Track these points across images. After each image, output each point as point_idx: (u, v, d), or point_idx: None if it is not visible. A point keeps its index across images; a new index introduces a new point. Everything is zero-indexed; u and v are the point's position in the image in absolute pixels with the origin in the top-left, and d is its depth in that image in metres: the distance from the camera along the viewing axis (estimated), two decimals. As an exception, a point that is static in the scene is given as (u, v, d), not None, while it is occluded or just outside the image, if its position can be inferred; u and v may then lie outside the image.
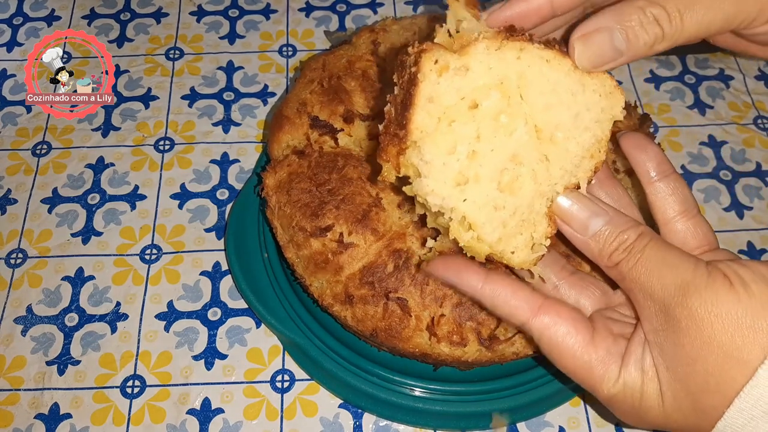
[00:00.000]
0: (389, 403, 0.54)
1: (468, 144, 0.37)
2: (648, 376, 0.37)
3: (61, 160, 0.71)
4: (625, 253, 0.37)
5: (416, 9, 0.85)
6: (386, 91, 0.58)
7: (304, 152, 0.55)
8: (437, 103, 0.36)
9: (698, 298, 0.34)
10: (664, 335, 0.35)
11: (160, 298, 0.63)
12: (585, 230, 0.38)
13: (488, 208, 0.38)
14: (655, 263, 0.36)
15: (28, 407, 0.57)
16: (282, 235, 0.54)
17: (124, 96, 0.76)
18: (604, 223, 0.38)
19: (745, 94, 0.77)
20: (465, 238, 0.38)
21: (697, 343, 0.34)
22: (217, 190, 0.70)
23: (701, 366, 0.34)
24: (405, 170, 0.38)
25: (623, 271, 0.37)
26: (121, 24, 0.82)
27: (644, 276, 0.36)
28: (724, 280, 0.34)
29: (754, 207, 0.69)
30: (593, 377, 0.38)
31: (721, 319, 0.33)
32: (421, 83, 0.36)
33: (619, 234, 0.38)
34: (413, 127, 0.36)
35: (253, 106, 0.76)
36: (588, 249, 0.39)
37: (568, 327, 0.38)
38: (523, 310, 0.39)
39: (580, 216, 0.39)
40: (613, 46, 0.37)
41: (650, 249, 0.36)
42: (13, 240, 0.66)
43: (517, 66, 0.37)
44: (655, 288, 0.35)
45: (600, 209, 0.39)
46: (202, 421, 0.56)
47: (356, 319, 0.51)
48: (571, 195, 0.39)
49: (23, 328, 0.61)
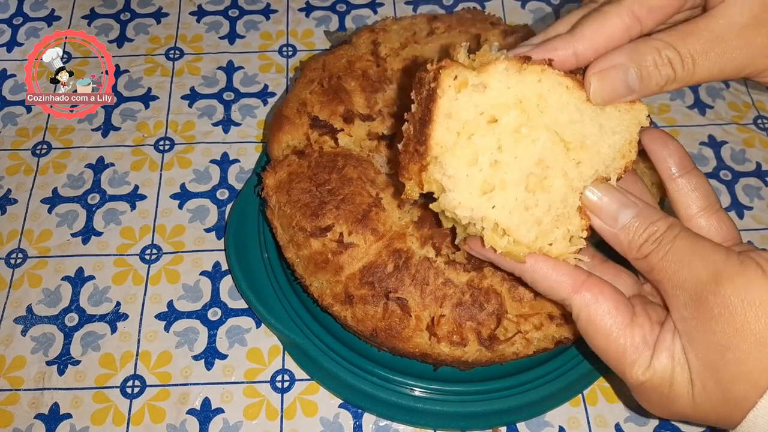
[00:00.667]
0: (389, 403, 0.54)
1: (490, 154, 0.38)
2: (679, 364, 0.37)
3: (61, 160, 0.71)
4: (655, 244, 0.37)
5: (416, 9, 0.85)
6: (380, 88, 0.58)
7: (304, 152, 0.55)
8: (456, 119, 0.37)
9: (731, 286, 0.33)
10: (694, 324, 0.35)
11: (160, 298, 0.63)
12: (614, 222, 0.39)
13: (519, 210, 0.38)
14: (686, 253, 0.36)
15: (28, 407, 0.57)
16: (282, 235, 0.54)
17: (124, 96, 0.76)
18: (634, 215, 0.38)
19: (745, 94, 0.77)
20: (502, 245, 0.39)
21: (729, 331, 0.34)
22: (217, 190, 0.70)
23: (733, 354, 0.34)
24: (428, 186, 0.38)
25: (652, 262, 0.37)
26: (121, 24, 0.82)
27: (675, 265, 0.36)
28: (757, 268, 0.34)
29: (755, 207, 0.69)
30: (625, 362, 0.38)
31: (755, 307, 0.33)
32: (440, 99, 0.36)
33: (649, 225, 0.38)
34: (433, 142, 0.37)
35: (253, 106, 0.76)
36: (617, 241, 0.39)
37: (610, 307, 0.38)
38: (565, 285, 0.39)
39: (610, 208, 0.39)
40: (626, 84, 0.38)
41: (681, 239, 0.37)
42: (13, 240, 0.66)
43: (538, 88, 0.38)
44: (686, 277, 0.35)
45: (629, 201, 0.39)
46: (202, 421, 0.56)
47: (356, 319, 0.51)
48: (600, 187, 0.39)
49: (23, 328, 0.61)
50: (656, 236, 0.37)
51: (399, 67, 0.60)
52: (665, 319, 0.38)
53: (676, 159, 0.42)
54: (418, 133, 0.38)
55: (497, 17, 0.65)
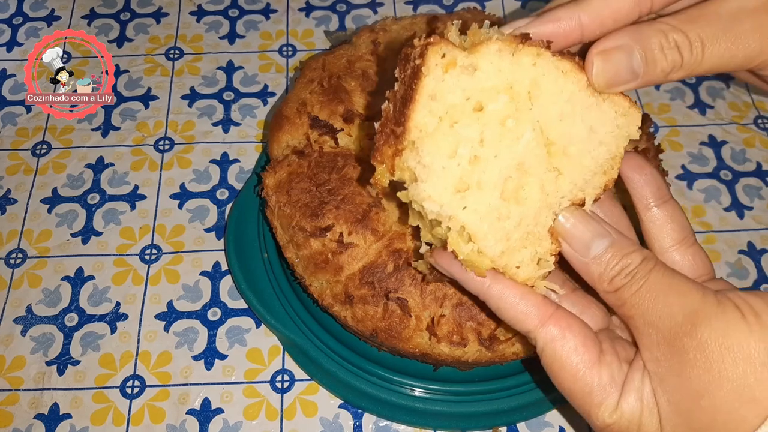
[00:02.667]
0: (389, 403, 0.54)
1: (471, 148, 0.35)
2: (647, 407, 0.34)
3: (61, 160, 0.71)
4: (627, 278, 0.35)
5: (416, 9, 0.85)
6: (383, 89, 0.58)
7: (304, 152, 0.55)
8: (440, 102, 0.34)
9: (708, 328, 0.31)
10: (666, 366, 0.33)
11: (159, 298, 0.63)
12: (586, 251, 0.36)
13: (491, 218, 0.35)
14: (661, 289, 0.34)
15: (27, 407, 0.57)
16: (282, 235, 0.54)
17: (124, 96, 0.76)
18: (608, 246, 0.36)
19: (746, 94, 0.77)
20: (464, 251, 0.35)
21: (705, 377, 0.31)
22: (217, 190, 0.70)
23: (708, 402, 0.31)
24: (400, 173, 0.35)
25: (624, 296, 0.35)
26: (120, 24, 0.82)
27: (648, 302, 0.34)
28: (735, 310, 0.32)
29: (755, 207, 0.69)
30: (591, 403, 0.36)
31: (733, 353, 0.31)
32: (425, 77, 0.33)
33: (622, 258, 0.35)
34: (412, 124, 0.34)
35: (253, 106, 0.76)
36: (587, 271, 0.36)
37: (577, 343, 0.36)
38: (532, 317, 0.37)
39: (583, 236, 0.36)
40: (630, 67, 0.35)
41: (656, 274, 0.34)
42: (12, 240, 0.66)
43: (532, 72, 0.35)
44: (660, 315, 0.33)
45: (604, 230, 0.36)
46: (202, 421, 0.56)
47: (356, 319, 0.51)
48: (574, 213, 0.37)
49: (23, 328, 0.61)
50: (629, 269, 0.35)
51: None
52: (634, 357, 0.36)
53: (653, 188, 0.40)
54: (397, 113, 0.35)
55: (497, 17, 0.65)
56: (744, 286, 0.64)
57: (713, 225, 0.68)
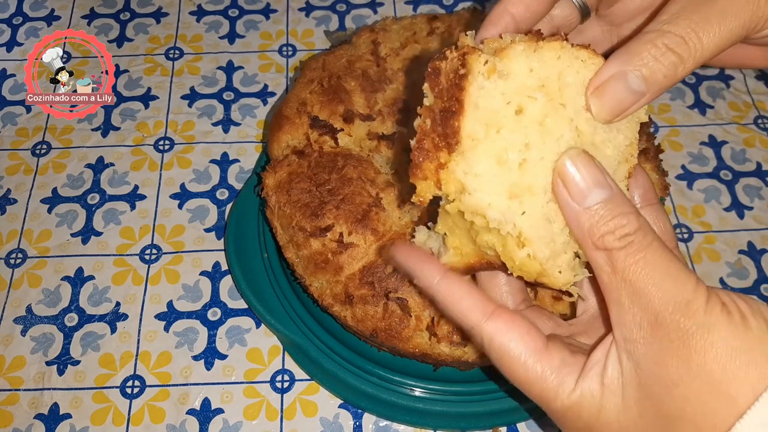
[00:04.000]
0: (389, 404, 0.54)
1: (518, 152, 0.34)
2: (609, 390, 0.34)
3: (61, 160, 0.71)
4: (621, 242, 0.33)
5: (416, 9, 0.85)
6: (380, 88, 0.58)
7: (304, 152, 0.55)
8: (483, 109, 0.34)
9: (696, 321, 0.31)
10: (644, 349, 0.33)
11: (159, 298, 0.63)
12: (582, 199, 0.34)
13: (543, 221, 0.35)
14: (658, 270, 0.33)
15: (27, 407, 0.57)
16: (282, 235, 0.54)
17: (124, 96, 0.76)
18: (606, 198, 0.34)
19: (746, 94, 0.77)
20: (520, 257, 0.35)
21: (683, 368, 0.31)
22: (217, 190, 0.70)
23: (681, 391, 0.32)
24: (447, 187, 0.35)
25: (616, 262, 0.33)
26: (120, 24, 0.82)
27: (642, 281, 0.33)
28: (723, 308, 0.32)
29: (755, 207, 0.69)
30: (547, 388, 0.35)
31: (715, 348, 0.31)
32: (471, 86, 0.33)
33: (617, 215, 0.34)
34: (465, 134, 0.34)
35: (252, 106, 0.76)
36: (577, 222, 0.35)
37: (521, 333, 0.36)
38: (475, 312, 0.37)
39: (583, 181, 0.34)
40: (630, 90, 0.35)
41: (653, 251, 0.33)
42: (12, 240, 0.66)
43: (558, 66, 0.35)
44: (651, 299, 0.32)
45: (605, 181, 0.35)
46: (202, 421, 0.56)
47: (356, 319, 0.51)
48: (580, 155, 0.35)
49: (23, 328, 0.61)
50: (623, 232, 0.33)
51: (399, 67, 0.60)
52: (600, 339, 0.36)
53: (640, 190, 0.40)
54: (441, 127, 0.34)
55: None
56: (744, 286, 0.64)
57: (713, 225, 0.68)
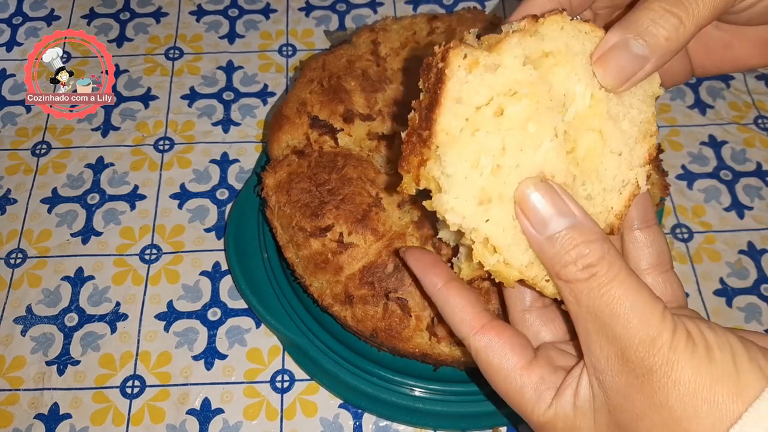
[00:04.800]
0: (389, 404, 0.54)
1: (492, 157, 0.34)
2: (581, 412, 0.35)
3: (61, 160, 0.71)
4: (584, 273, 0.33)
5: (416, 9, 0.85)
6: (380, 88, 0.58)
7: (304, 152, 0.55)
8: (465, 104, 0.34)
9: (660, 358, 0.31)
10: (611, 380, 0.33)
11: (159, 298, 0.63)
12: (543, 228, 0.34)
13: (515, 229, 0.35)
14: (623, 305, 0.32)
15: (27, 407, 0.57)
16: (282, 235, 0.54)
17: (124, 96, 0.76)
18: (567, 226, 0.34)
19: (746, 94, 0.77)
20: (490, 262, 0.35)
21: (647, 402, 0.32)
22: (217, 190, 0.70)
23: (646, 424, 0.32)
24: (426, 183, 0.35)
25: (579, 295, 0.33)
26: (120, 24, 0.82)
27: (607, 316, 0.32)
28: (688, 342, 0.31)
29: (755, 207, 0.69)
30: (525, 402, 0.36)
31: (678, 385, 0.31)
32: (449, 80, 0.33)
33: (580, 243, 0.33)
34: (438, 128, 0.33)
35: (252, 106, 0.76)
36: (541, 251, 0.35)
37: (506, 349, 0.37)
38: (467, 325, 0.38)
39: (542, 210, 0.34)
40: (633, 56, 0.35)
41: (619, 285, 0.33)
42: (12, 240, 0.66)
43: (563, 37, 0.35)
44: (617, 333, 0.32)
45: (567, 209, 0.34)
46: (202, 421, 0.56)
47: (356, 319, 0.51)
48: (539, 184, 0.34)
49: (23, 328, 0.61)
50: (586, 262, 0.33)
51: (399, 66, 0.60)
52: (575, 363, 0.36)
53: (639, 211, 0.40)
54: (422, 120, 0.35)
55: (498, 16, 0.65)
56: (744, 286, 0.64)
57: (713, 225, 0.68)
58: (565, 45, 0.35)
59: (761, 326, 0.62)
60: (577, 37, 0.36)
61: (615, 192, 0.37)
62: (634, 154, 0.37)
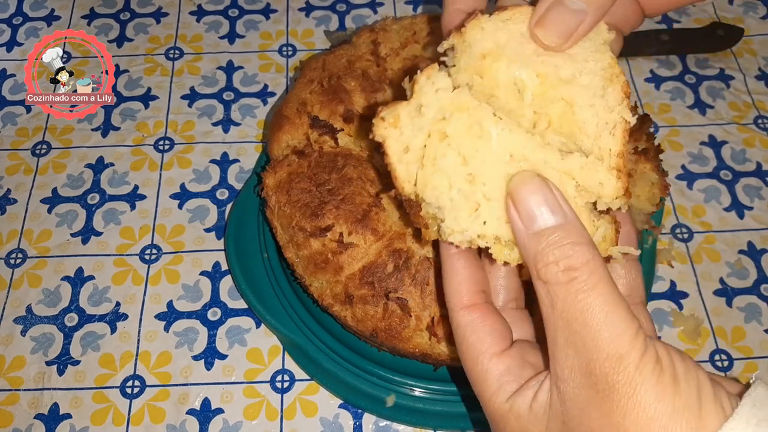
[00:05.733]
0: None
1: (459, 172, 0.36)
2: (535, 416, 0.34)
3: (61, 160, 0.71)
4: (565, 276, 0.32)
5: (416, 9, 0.85)
6: (380, 88, 0.58)
7: (304, 152, 0.55)
8: (413, 150, 0.37)
9: (624, 377, 0.30)
10: (572, 392, 0.32)
11: (159, 298, 0.63)
12: (531, 222, 0.33)
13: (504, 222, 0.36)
14: (598, 317, 0.31)
15: (27, 407, 0.57)
16: (282, 235, 0.54)
17: (124, 96, 0.76)
18: (555, 225, 0.33)
19: (746, 94, 0.77)
20: (513, 257, 0.36)
21: (603, 420, 0.31)
22: (217, 190, 0.70)
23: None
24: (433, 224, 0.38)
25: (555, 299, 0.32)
26: (120, 24, 0.82)
27: (580, 325, 0.31)
28: (656, 366, 0.31)
29: (755, 207, 0.69)
30: (485, 387, 0.36)
31: (637, 408, 0.30)
32: (387, 145, 0.37)
33: (566, 245, 0.33)
34: (400, 183, 0.37)
35: (252, 106, 0.76)
36: (524, 246, 0.34)
37: (485, 332, 0.37)
38: (458, 297, 0.38)
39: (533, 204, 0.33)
40: (571, 12, 0.35)
41: (597, 295, 0.32)
42: (12, 240, 0.66)
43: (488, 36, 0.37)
44: (586, 344, 0.31)
45: (558, 206, 0.33)
46: (202, 421, 0.56)
47: (356, 319, 0.51)
48: (534, 178, 0.34)
49: (23, 328, 0.61)
50: (568, 263, 0.32)
51: (399, 67, 0.60)
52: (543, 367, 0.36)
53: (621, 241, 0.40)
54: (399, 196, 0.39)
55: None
56: (744, 286, 0.64)
57: (713, 225, 0.68)
58: (492, 42, 0.37)
59: (761, 326, 0.62)
60: (502, 28, 0.37)
61: (606, 135, 0.37)
62: (608, 99, 0.37)
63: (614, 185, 0.36)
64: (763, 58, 0.80)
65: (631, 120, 0.37)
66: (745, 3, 0.85)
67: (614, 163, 0.36)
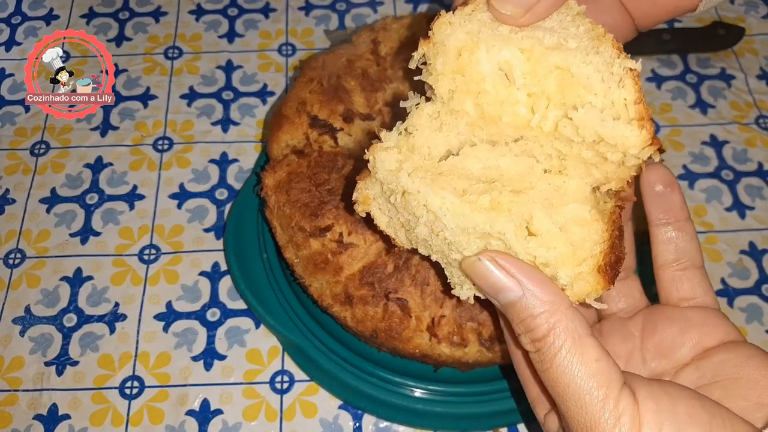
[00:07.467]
0: (389, 405, 0.54)
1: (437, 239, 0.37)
2: None
3: (60, 160, 0.71)
4: (532, 347, 0.33)
5: (416, 8, 0.84)
6: (380, 87, 0.58)
7: (304, 152, 0.55)
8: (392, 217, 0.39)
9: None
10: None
11: (158, 299, 0.62)
12: (496, 296, 0.34)
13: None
14: (562, 384, 0.32)
15: (26, 408, 0.57)
16: (281, 236, 0.54)
17: (123, 95, 0.76)
18: (513, 299, 0.33)
19: (747, 94, 0.77)
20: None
21: None
22: (216, 190, 0.69)
23: None
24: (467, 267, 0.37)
25: (535, 365, 0.34)
26: (119, 23, 0.82)
27: (553, 390, 0.33)
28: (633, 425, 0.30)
29: (756, 207, 0.69)
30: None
31: None
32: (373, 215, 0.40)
33: (526, 318, 0.33)
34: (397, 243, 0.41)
35: (252, 106, 0.76)
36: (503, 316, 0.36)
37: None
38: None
39: (485, 286, 0.34)
40: None
41: (558, 366, 0.32)
42: (11, 240, 0.66)
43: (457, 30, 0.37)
44: (564, 411, 0.32)
45: (510, 282, 0.33)
46: (201, 422, 0.56)
47: (356, 319, 0.50)
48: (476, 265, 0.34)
49: (21, 329, 0.61)
50: (531, 337, 0.33)
51: (399, 66, 0.59)
52: None
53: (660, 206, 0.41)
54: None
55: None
56: (745, 286, 0.64)
57: (714, 225, 0.68)
58: (463, 33, 0.37)
59: (762, 326, 0.62)
60: (468, 19, 0.37)
61: (615, 88, 0.35)
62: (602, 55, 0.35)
63: (638, 135, 0.34)
64: (765, 58, 0.80)
65: (636, 67, 0.35)
66: (746, 2, 0.85)
67: (634, 112, 0.34)
